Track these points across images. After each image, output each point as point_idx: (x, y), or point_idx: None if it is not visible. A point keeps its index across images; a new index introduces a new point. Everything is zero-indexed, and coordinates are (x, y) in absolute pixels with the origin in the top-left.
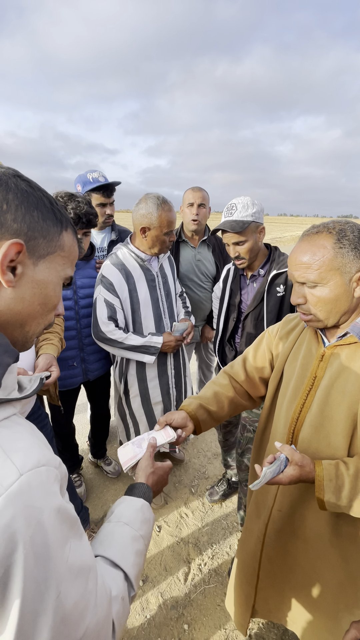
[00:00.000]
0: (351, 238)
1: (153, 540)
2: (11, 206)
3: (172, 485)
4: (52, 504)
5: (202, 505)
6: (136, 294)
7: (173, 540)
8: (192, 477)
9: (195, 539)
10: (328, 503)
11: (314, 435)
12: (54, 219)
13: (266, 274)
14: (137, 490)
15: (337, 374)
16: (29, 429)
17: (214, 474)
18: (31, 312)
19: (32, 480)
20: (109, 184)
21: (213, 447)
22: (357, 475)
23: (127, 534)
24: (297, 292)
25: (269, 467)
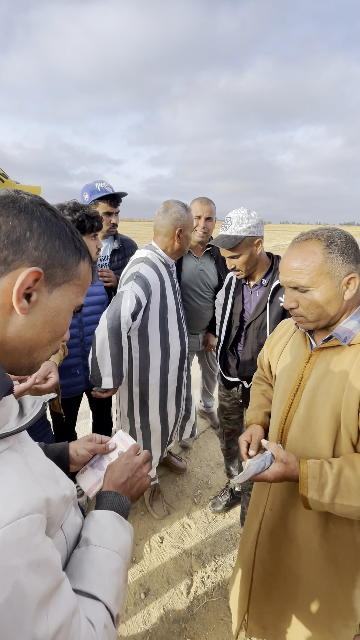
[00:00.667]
0: (339, 244)
1: (155, 552)
2: (34, 234)
3: (174, 495)
4: (31, 559)
5: (205, 516)
6: (165, 300)
7: (175, 551)
8: (194, 487)
9: (198, 551)
10: (311, 500)
11: (301, 434)
12: (73, 249)
13: (269, 283)
14: (105, 500)
15: (323, 375)
16: (19, 467)
17: (217, 484)
18: (40, 340)
19: (10, 536)
20: (115, 194)
21: (216, 456)
22: (340, 474)
23: (98, 556)
24: (290, 296)
25: (253, 460)
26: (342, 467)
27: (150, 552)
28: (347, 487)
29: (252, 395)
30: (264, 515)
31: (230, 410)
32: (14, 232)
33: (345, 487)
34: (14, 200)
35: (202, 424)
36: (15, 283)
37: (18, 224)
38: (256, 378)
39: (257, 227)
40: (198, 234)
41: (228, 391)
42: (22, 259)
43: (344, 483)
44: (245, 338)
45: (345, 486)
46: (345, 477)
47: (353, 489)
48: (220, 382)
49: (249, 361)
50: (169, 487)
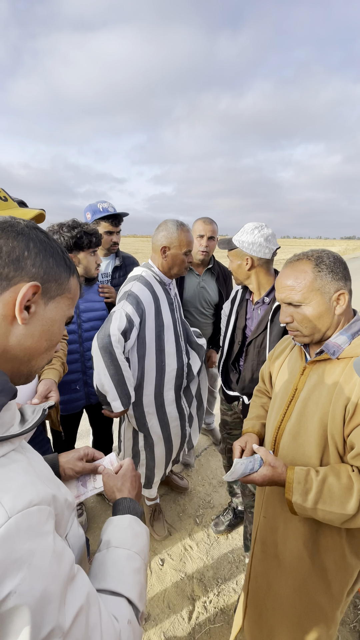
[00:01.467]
0: (327, 263)
1: (156, 575)
2: (31, 253)
3: (176, 516)
4: (42, 545)
5: (208, 537)
6: (161, 317)
7: (177, 575)
8: (196, 507)
9: (200, 574)
10: (295, 504)
11: (292, 443)
12: (65, 266)
13: (271, 302)
14: (121, 506)
15: (314, 387)
16: (25, 465)
17: (219, 503)
18: (38, 348)
19: (21, 523)
20: (117, 214)
21: (218, 474)
22: (324, 481)
23: (120, 557)
24: (285, 312)
25: (241, 459)
26: (327, 475)
27: (151, 575)
28: (329, 494)
29: (252, 406)
30: (259, 524)
31: (232, 425)
32: (13, 252)
33: (328, 493)
34: (11, 224)
35: (203, 441)
36: (16, 296)
37: (17, 244)
38: (257, 391)
39: (254, 246)
40: (200, 252)
41: (230, 405)
42: (22, 275)
43: (327, 490)
44: (246, 355)
45: (328, 493)
46: (328, 484)
47: (335, 496)
48: (222, 395)
49: (249, 378)
50: (170, 506)
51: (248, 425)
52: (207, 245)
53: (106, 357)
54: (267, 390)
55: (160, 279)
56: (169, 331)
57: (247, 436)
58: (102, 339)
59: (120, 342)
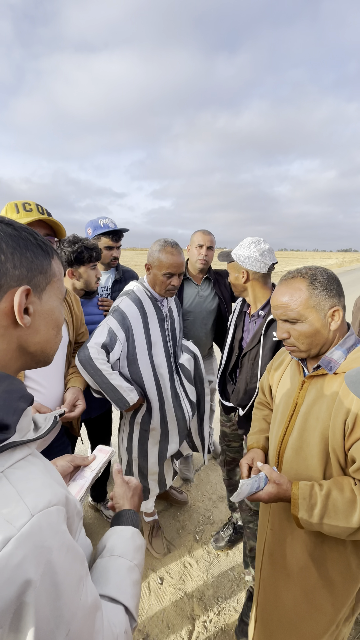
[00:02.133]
0: (321, 281)
1: (155, 594)
2: (7, 255)
3: (175, 532)
4: (60, 542)
5: (207, 554)
6: (149, 333)
7: (176, 594)
8: (196, 523)
9: (200, 593)
10: (302, 520)
11: (295, 457)
12: (42, 253)
13: (265, 315)
14: (125, 518)
15: (313, 401)
16: (42, 468)
17: (219, 519)
18: (48, 337)
19: (43, 521)
20: (117, 230)
21: (218, 489)
22: (328, 495)
23: (122, 566)
24: (282, 328)
25: (246, 480)
26: (331, 489)
27: (150, 594)
28: (334, 509)
29: (254, 419)
30: (266, 537)
31: (231, 437)
32: None
33: (333, 508)
34: None
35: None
36: (11, 304)
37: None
38: (258, 403)
39: (250, 260)
40: (199, 261)
41: (228, 416)
42: (7, 280)
43: (332, 504)
44: (241, 367)
45: (333, 507)
46: (333, 498)
47: (340, 510)
48: (220, 406)
49: (243, 390)
50: (169, 522)
51: (252, 440)
52: (206, 254)
53: (88, 368)
54: (268, 402)
55: (151, 294)
56: (157, 347)
57: (253, 452)
58: (81, 352)
59: (100, 354)
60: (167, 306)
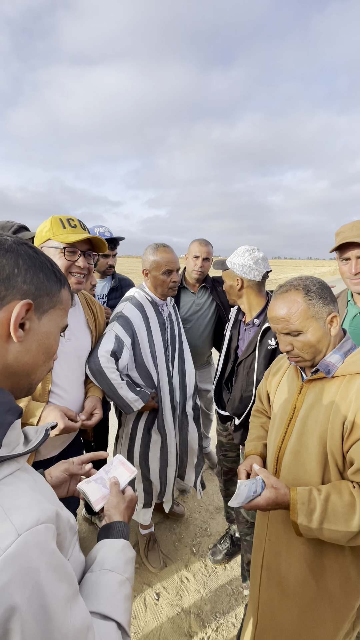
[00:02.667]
0: (315, 290)
1: (151, 610)
2: (21, 270)
3: (171, 545)
4: (49, 563)
5: (205, 568)
6: (152, 337)
7: (173, 610)
8: (193, 535)
9: (197, 608)
10: (301, 526)
11: (293, 461)
12: (55, 279)
13: (260, 324)
14: (115, 530)
15: (312, 405)
16: (31, 484)
17: (217, 531)
18: (37, 361)
19: (30, 541)
20: (113, 238)
21: (215, 500)
22: (327, 500)
23: (113, 581)
24: (284, 341)
25: (244, 481)
26: (330, 493)
27: (146, 610)
28: (333, 513)
29: (252, 427)
30: (265, 548)
31: (227, 447)
32: (3, 270)
33: (332, 512)
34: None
35: None
36: (10, 315)
37: (6, 263)
38: (255, 411)
39: (244, 268)
40: (195, 271)
41: (224, 425)
42: (14, 293)
43: (331, 509)
44: (236, 375)
45: (332, 512)
46: (332, 502)
47: (339, 514)
48: (217, 415)
49: (239, 398)
50: (165, 535)
51: (250, 447)
52: (202, 265)
53: (98, 377)
54: (265, 409)
55: (152, 299)
56: (160, 351)
57: (251, 459)
58: (92, 361)
59: (110, 362)
60: (167, 311)
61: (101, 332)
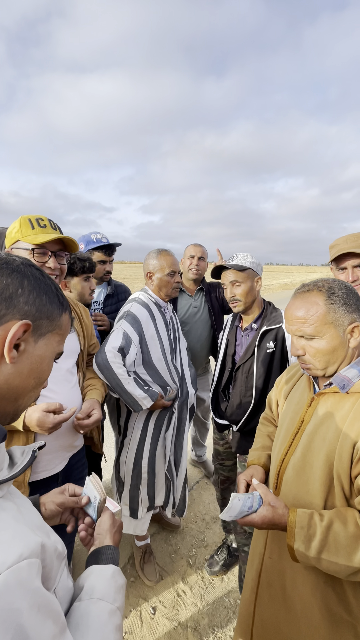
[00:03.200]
0: (340, 295)
1: (147, 625)
2: (25, 291)
3: (167, 557)
4: (32, 602)
5: (202, 580)
6: (160, 335)
7: (170, 624)
8: (189, 546)
9: (194, 622)
10: (297, 552)
11: (295, 479)
12: (57, 302)
13: (258, 328)
14: (105, 555)
15: (321, 421)
16: (14, 514)
17: (213, 541)
18: (26, 387)
19: (12, 580)
20: (110, 244)
21: (212, 509)
22: (329, 528)
23: (103, 610)
24: (296, 344)
25: (239, 494)
26: (332, 520)
27: (142, 625)
28: (335, 543)
29: (258, 435)
30: (263, 564)
31: (224, 455)
32: (7, 289)
33: (334, 542)
34: (7, 262)
35: (195, 474)
36: (7, 335)
37: (11, 282)
38: (263, 419)
39: (258, 268)
40: (192, 271)
41: (221, 434)
42: (14, 312)
43: (333, 538)
44: (234, 381)
45: (334, 541)
46: (334, 531)
47: (341, 546)
48: (213, 424)
49: (237, 404)
50: (161, 547)
51: (254, 456)
52: (197, 264)
53: (105, 372)
54: (274, 418)
55: (155, 300)
56: (168, 351)
57: (253, 469)
58: (99, 356)
59: (117, 358)
60: (169, 313)
61: (89, 334)
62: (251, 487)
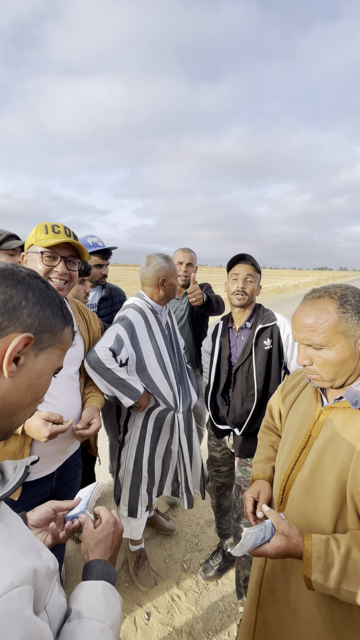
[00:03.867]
0: (353, 303)
1: (141, 631)
2: (29, 303)
3: (162, 562)
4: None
5: (196, 584)
6: (155, 342)
7: (164, 629)
8: (184, 551)
9: (189, 627)
10: (315, 583)
11: (303, 496)
12: (61, 316)
13: (253, 326)
14: (94, 570)
15: (332, 437)
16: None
17: (207, 545)
18: (22, 402)
19: (1, 610)
20: (106, 249)
21: (206, 513)
22: (348, 556)
23: (93, 630)
24: (303, 353)
25: (251, 529)
26: (350, 547)
27: (136, 631)
28: (355, 572)
29: (260, 445)
30: (264, 575)
31: (220, 462)
32: (10, 300)
33: (353, 571)
34: (12, 272)
35: None
36: (7, 348)
37: (15, 293)
38: (265, 427)
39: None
40: (181, 277)
41: (219, 440)
42: (16, 325)
43: (352, 567)
44: (234, 382)
45: (353, 570)
46: (353, 560)
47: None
48: (211, 431)
49: (240, 405)
50: (155, 551)
51: (258, 470)
52: (185, 270)
53: (98, 369)
54: (276, 426)
55: (152, 306)
56: (166, 356)
57: (259, 485)
58: (90, 355)
59: (108, 356)
60: (165, 317)
61: (95, 339)
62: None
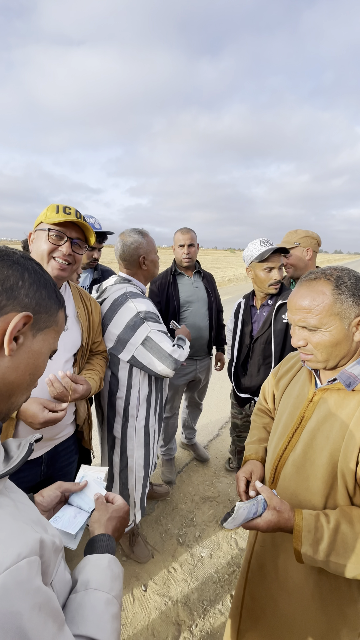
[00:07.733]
0: (349, 285)
1: (139, 602)
2: (26, 283)
3: (158, 536)
4: (33, 603)
5: (191, 557)
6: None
7: (161, 600)
8: (179, 526)
9: (184, 597)
10: (305, 555)
11: (295, 475)
12: (55, 298)
13: (274, 303)
14: (99, 544)
15: (324, 418)
16: (12, 510)
17: (202, 520)
18: (21, 383)
19: (9, 581)
20: (102, 232)
21: (201, 490)
22: (337, 530)
23: (99, 600)
24: (298, 335)
25: (243, 503)
26: (339, 522)
27: (134, 602)
28: (343, 545)
29: (253, 427)
30: (253, 552)
31: (242, 428)
32: (8, 280)
33: (342, 544)
34: (7, 253)
35: (184, 457)
36: (6, 326)
37: (12, 273)
38: (257, 410)
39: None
40: (184, 259)
41: (240, 409)
42: (14, 304)
43: (341, 540)
44: (252, 352)
45: (342, 544)
46: (342, 533)
47: (349, 548)
48: (234, 400)
49: (256, 373)
50: (152, 527)
51: (251, 450)
52: (188, 252)
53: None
54: (269, 409)
55: (141, 289)
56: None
57: (252, 465)
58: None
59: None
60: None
61: (95, 330)
62: (251, 484)
